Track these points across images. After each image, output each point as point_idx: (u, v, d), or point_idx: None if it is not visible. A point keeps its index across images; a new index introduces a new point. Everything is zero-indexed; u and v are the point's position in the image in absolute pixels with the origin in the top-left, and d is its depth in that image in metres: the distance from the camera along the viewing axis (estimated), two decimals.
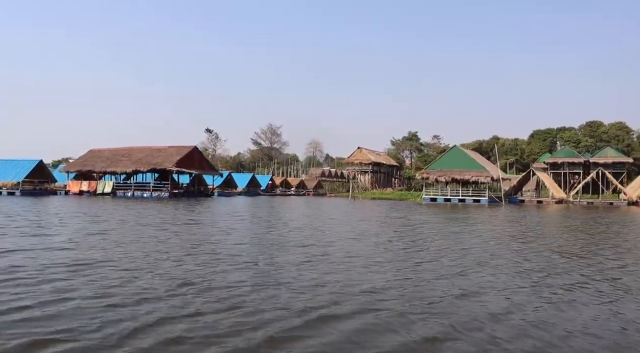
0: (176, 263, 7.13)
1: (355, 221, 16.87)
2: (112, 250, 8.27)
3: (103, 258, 7.45)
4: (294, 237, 11.05)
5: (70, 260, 7.18)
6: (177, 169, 44.78)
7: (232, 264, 7.11)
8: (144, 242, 9.63)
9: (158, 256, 7.80)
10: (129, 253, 7.94)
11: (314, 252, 8.55)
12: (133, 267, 6.71)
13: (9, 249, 8.17)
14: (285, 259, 7.69)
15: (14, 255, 7.61)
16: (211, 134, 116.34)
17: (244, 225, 15.09)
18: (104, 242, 9.56)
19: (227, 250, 8.74)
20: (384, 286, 5.64)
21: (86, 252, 8.08)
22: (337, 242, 10.33)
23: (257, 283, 5.68)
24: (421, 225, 15.93)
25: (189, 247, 9.10)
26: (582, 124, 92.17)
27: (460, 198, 41.24)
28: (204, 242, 10.05)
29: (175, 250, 8.51)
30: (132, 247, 8.76)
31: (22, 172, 45.06)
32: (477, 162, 42.97)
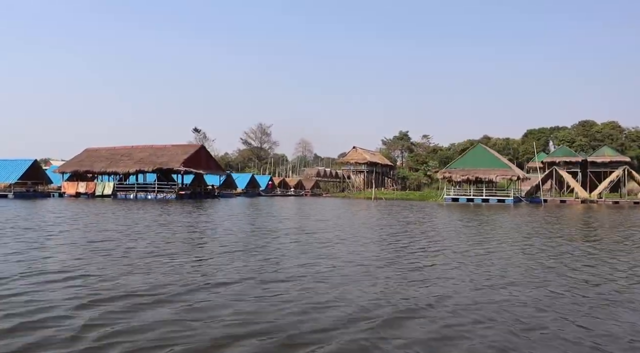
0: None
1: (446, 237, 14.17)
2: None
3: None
4: (413, 260, 9.09)
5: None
6: (185, 168, 42.26)
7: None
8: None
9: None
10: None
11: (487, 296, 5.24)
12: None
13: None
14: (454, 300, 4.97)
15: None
16: (199, 133, 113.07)
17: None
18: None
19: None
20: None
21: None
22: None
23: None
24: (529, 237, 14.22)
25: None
26: (575, 124, 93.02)
27: (483, 199, 40.00)
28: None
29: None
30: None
31: (15, 173, 41.81)
32: (501, 161, 41.84)
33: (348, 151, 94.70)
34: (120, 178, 48.51)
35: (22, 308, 4.39)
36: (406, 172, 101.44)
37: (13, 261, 6.99)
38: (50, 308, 4.40)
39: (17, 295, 4.86)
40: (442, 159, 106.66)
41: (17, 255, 7.50)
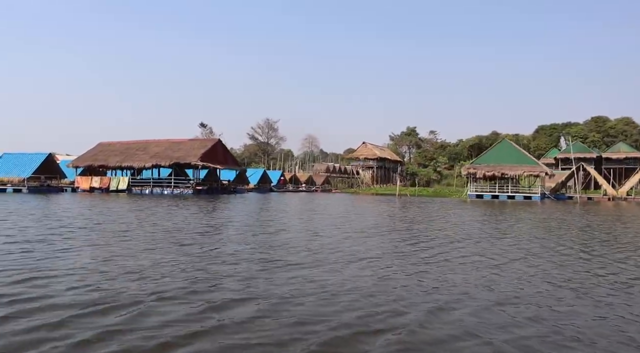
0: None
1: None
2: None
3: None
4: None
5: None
6: (202, 163, 41.33)
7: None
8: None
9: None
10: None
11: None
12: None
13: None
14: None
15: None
16: (205, 128, 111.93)
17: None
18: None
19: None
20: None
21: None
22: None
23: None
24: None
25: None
26: (587, 120, 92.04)
27: (509, 195, 39.08)
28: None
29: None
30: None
31: (29, 167, 40.94)
32: (529, 157, 40.89)
33: (357, 147, 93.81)
34: (132, 173, 47.63)
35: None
36: (415, 168, 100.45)
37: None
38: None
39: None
40: (451, 155, 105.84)
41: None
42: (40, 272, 5.62)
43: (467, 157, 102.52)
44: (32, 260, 6.45)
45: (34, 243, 8.04)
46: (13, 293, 4.58)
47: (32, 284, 4.98)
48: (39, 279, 5.22)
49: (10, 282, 5.08)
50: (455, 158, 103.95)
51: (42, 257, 6.68)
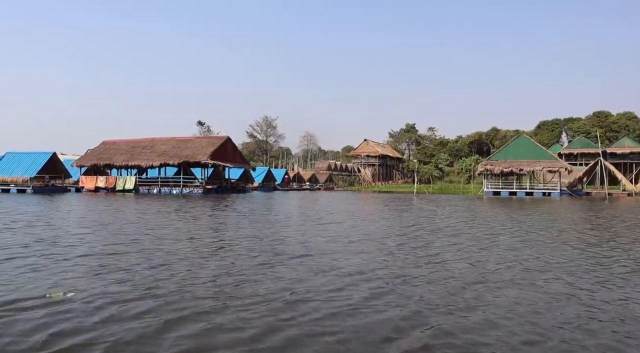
0: None
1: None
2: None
3: None
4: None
5: None
6: (213, 162, 40.21)
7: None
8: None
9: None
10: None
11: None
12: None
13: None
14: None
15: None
16: (203, 126, 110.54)
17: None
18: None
19: None
20: None
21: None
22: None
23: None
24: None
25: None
26: (589, 115, 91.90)
27: (527, 192, 38.39)
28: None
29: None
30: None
31: (34, 167, 39.57)
32: (547, 152, 40.24)
33: (359, 144, 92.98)
34: (136, 172, 46.41)
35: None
36: (416, 165, 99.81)
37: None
38: None
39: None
40: (452, 151, 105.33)
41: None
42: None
43: (467, 154, 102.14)
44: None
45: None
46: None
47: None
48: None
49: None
50: (456, 154, 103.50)
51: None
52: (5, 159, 40.58)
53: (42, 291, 4.62)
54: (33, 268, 5.79)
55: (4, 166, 39.83)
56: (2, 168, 39.66)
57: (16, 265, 6.04)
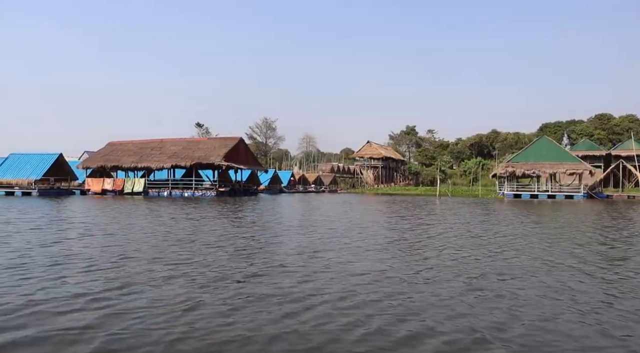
0: None
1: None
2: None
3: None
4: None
5: None
6: (227, 163, 38.93)
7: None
8: None
9: None
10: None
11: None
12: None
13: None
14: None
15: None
16: (202, 128, 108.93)
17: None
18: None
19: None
20: None
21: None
22: None
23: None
24: None
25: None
26: (591, 117, 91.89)
27: (549, 195, 37.59)
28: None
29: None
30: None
31: (39, 168, 38.01)
32: (570, 154, 39.51)
33: (362, 146, 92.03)
34: (143, 174, 44.99)
35: None
36: (419, 167, 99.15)
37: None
38: None
39: None
40: (454, 153, 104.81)
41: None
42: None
43: (469, 156, 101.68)
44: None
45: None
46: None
47: None
48: None
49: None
50: (457, 157, 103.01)
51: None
52: (9, 161, 38.96)
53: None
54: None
55: (8, 168, 38.23)
56: (6, 170, 38.04)
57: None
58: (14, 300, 4.41)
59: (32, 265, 6.15)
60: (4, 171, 37.76)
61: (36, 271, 5.79)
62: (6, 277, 5.45)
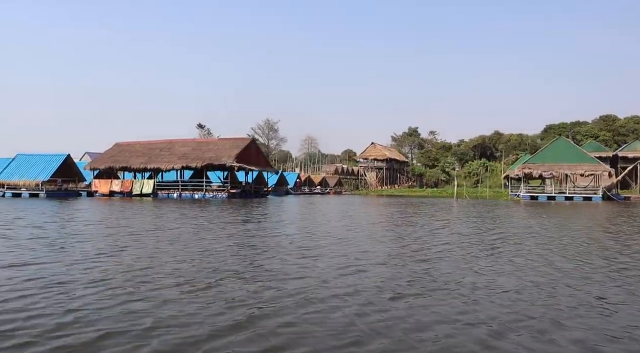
0: None
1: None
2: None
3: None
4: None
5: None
6: (239, 164, 38.18)
7: None
8: None
9: None
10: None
11: None
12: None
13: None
14: None
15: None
16: (203, 129, 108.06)
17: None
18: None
19: None
20: None
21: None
22: None
23: None
24: None
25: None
26: (595, 118, 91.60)
27: (567, 196, 37.02)
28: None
29: None
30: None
31: (47, 169, 37.16)
32: (588, 155, 38.94)
33: (366, 147, 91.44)
34: (150, 175, 44.15)
35: None
36: (422, 168, 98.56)
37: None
38: None
39: None
40: (457, 155, 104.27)
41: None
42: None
43: (472, 158, 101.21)
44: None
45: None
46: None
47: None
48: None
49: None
50: (461, 158, 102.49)
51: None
52: (16, 161, 38.08)
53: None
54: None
55: (15, 169, 37.36)
56: (13, 171, 37.18)
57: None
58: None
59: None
60: (11, 172, 36.90)
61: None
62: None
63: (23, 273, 5.45)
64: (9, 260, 6.42)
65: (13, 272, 5.54)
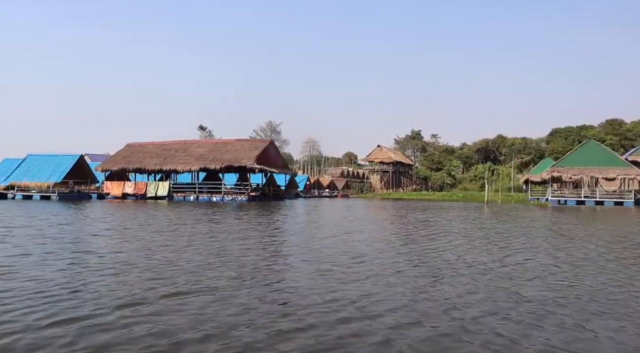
0: None
1: None
2: None
3: None
4: None
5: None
6: (259, 166, 36.82)
7: None
8: None
9: None
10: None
11: None
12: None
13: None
14: None
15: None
16: (205, 130, 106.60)
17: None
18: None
19: None
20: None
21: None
22: None
23: None
24: None
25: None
26: (601, 122, 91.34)
27: (597, 201, 36.07)
28: None
29: None
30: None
31: (59, 171, 35.57)
32: (620, 158, 38.09)
33: (372, 150, 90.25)
34: (161, 176, 42.66)
35: None
36: (427, 172, 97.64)
37: None
38: None
39: None
40: (461, 158, 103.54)
41: None
42: None
43: (477, 161, 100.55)
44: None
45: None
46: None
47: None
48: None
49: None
50: (466, 162, 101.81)
51: None
52: (27, 162, 36.41)
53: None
54: None
55: (26, 170, 35.71)
56: (23, 172, 35.51)
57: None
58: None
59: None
60: (22, 173, 35.24)
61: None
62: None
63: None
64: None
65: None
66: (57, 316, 3.82)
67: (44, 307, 4.07)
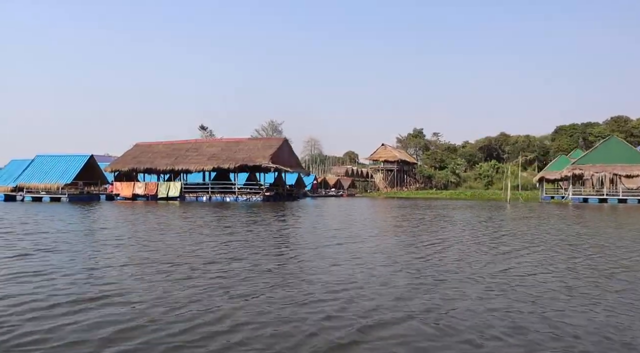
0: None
1: None
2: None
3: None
4: None
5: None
6: (274, 166, 35.89)
7: None
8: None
9: None
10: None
11: None
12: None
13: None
14: None
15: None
16: (205, 130, 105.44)
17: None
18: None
19: None
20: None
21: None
22: None
23: None
24: None
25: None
26: (606, 119, 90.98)
27: (620, 199, 35.38)
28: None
29: None
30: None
31: (69, 172, 34.48)
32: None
33: (376, 149, 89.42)
34: (169, 176, 41.66)
35: None
36: (430, 170, 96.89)
37: None
38: None
39: None
40: (465, 156, 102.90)
41: None
42: None
43: (480, 159, 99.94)
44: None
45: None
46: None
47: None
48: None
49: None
50: (470, 160, 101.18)
51: None
52: (35, 163, 35.29)
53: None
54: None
55: (35, 171, 34.59)
56: (32, 173, 34.40)
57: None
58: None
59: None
60: (30, 175, 34.13)
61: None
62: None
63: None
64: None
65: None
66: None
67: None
